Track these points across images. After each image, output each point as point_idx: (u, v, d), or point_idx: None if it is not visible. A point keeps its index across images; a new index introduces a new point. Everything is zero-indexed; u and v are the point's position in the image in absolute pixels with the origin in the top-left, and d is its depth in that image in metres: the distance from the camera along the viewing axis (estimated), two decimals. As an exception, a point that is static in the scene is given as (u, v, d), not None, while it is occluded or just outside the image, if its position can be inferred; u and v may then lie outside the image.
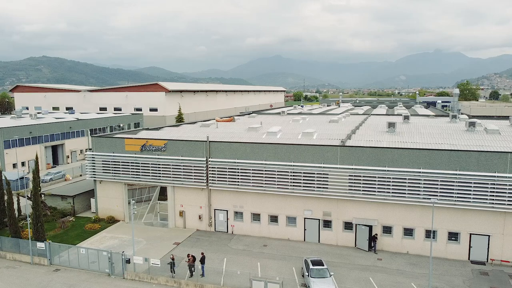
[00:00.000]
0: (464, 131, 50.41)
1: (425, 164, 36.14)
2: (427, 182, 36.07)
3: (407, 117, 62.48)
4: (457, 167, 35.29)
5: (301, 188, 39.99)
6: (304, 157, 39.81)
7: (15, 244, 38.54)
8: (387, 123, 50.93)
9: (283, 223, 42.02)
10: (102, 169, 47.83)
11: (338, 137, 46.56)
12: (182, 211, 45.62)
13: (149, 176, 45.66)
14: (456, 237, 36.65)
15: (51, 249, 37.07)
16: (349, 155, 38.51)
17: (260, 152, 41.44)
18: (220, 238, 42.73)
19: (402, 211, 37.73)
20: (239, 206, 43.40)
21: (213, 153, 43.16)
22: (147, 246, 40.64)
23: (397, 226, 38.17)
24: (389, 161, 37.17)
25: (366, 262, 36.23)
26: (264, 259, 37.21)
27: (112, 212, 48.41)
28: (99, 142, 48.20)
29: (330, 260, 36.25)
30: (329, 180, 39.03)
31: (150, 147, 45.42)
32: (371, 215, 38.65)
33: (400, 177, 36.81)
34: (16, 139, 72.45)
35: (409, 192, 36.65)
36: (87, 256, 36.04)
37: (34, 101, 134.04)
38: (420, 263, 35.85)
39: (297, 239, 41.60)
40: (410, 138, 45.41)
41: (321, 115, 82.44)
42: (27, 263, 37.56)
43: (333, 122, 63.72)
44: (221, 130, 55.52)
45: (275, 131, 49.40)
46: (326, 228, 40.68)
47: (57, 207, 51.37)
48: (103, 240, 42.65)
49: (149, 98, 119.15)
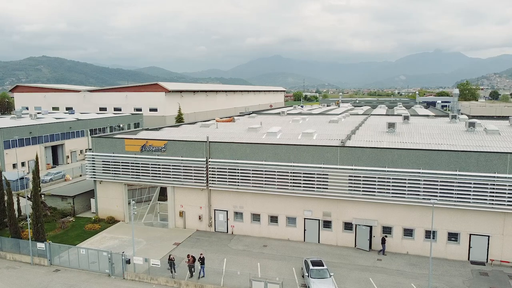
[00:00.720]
0: (464, 131, 50.47)
1: (425, 165, 36.18)
2: (427, 182, 36.11)
3: (407, 118, 62.51)
4: (457, 168, 35.33)
5: (301, 188, 40.02)
6: (304, 157, 39.85)
7: (15, 244, 38.58)
8: (387, 124, 50.95)
9: (283, 223, 42.06)
10: (102, 170, 47.86)
11: (338, 137, 46.60)
12: (182, 212, 45.65)
13: (149, 176, 45.69)
14: (456, 237, 36.70)
15: (51, 250, 37.11)
16: (349, 155, 38.54)
17: (260, 153, 41.48)
18: (220, 238, 42.76)
19: (402, 212, 37.78)
20: (239, 206, 43.44)
21: (213, 154, 43.19)
22: (147, 247, 40.68)
23: (397, 226, 38.22)
24: (389, 161, 37.21)
25: (366, 263, 36.27)
26: (264, 260, 37.25)
27: (112, 213, 48.44)
28: (99, 142, 48.24)
29: (330, 260, 36.28)
30: (329, 181, 39.06)
31: (150, 148, 45.46)
32: (371, 215, 38.69)
33: (400, 177, 36.85)
34: (16, 139, 72.44)
35: (409, 193, 36.69)
36: (87, 257, 36.07)
37: (34, 101, 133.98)
38: (420, 264, 35.89)
39: (297, 239, 41.64)
40: (410, 138, 45.46)
41: (321, 115, 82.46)
42: (27, 264, 37.60)
43: (333, 123, 63.76)
44: (221, 130, 55.56)
45: (275, 132, 49.43)
46: (326, 228, 40.72)
47: (57, 208, 51.42)
48: (103, 240, 42.68)
49: (149, 98, 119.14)
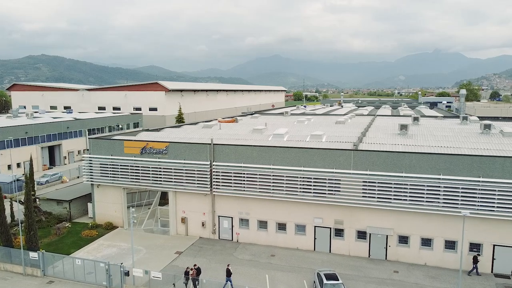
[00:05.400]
0: (479, 133, 48.15)
1: (445, 170, 33.79)
2: (447, 189, 33.74)
3: (417, 119, 60.14)
4: (480, 174, 32.96)
5: (311, 194, 37.61)
6: (315, 161, 37.46)
7: (6, 253, 36.05)
8: (399, 125, 48.58)
9: (291, 231, 39.65)
10: (100, 173, 45.40)
11: (348, 140, 44.20)
12: (184, 218, 43.22)
13: (150, 180, 43.25)
14: (478, 248, 34.31)
15: (45, 259, 34.63)
16: (363, 160, 36.15)
17: (268, 156, 39.08)
18: (225, 246, 40.36)
19: (419, 220, 35.36)
20: (244, 212, 41.03)
21: (217, 157, 40.78)
22: (147, 256, 38.26)
23: (414, 235, 35.81)
24: (406, 166, 34.81)
25: (382, 275, 33.88)
26: (272, 271, 34.85)
27: (110, 218, 45.97)
28: (97, 144, 45.77)
29: (342, 272, 33.91)
30: (342, 186, 36.66)
31: (150, 150, 43.03)
32: (386, 223, 36.30)
33: (418, 183, 34.47)
34: (11, 140, 69.89)
35: (427, 200, 34.31)
36: (83, 267, 33.62)
37: (31, 100, 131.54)
38: (440, 276, 33.53)
39: (307, 248, 39.25)
40: (424, 141, 43.10)
41: (326, 116, 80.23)
42: (19, 274, 35.12)
43: (340, 124, 61.48)
44: (224, 131, 53.17)
45: (281, 133, 47.06)
46: (338, 237, 38.32)
47: (52, 212, 48.89)
48: (100, 248, 40.25)
49: (148, 98, 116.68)
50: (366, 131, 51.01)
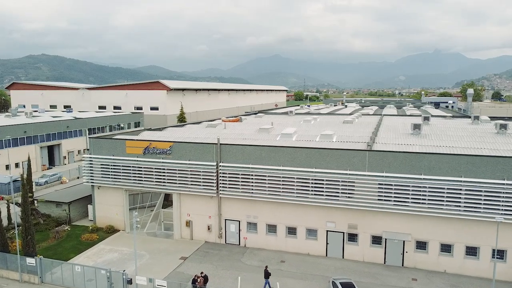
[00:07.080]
0: (495, 133, 46.30)
1: (467, 172, 31.90)
2: (469, 192, 31.85)
3: (427, 118, 58.23)
4: (505, 176, 31.08)
5: (323, 197, 35.72)
6: (327, 162, 35.56)
7: (2, 259, 34.08)
8: (412, 125, 46.68)
9: (302, 236, 37.74)
10: (100, 174, 43.51)
11: (360, 140, 42.31)
12: (189, 221, 41.32)
13: (153, 182, 41.36)
14: (502, 255, 32.42)
15: (43, 266, 32.72)
16: (378, 161, 34.24)
17: (277, 157, 37.18)
18: (232, 251, 38.45)
19: (439, 225, 33.45)
20: (252, 216, 39.13)
21: (224, 157, 38.90)
22: (150, 261, 36.38)
23: (433, 241, 33.91)
24: (425, 168, 32.90)
25: (399, 283, 31.97)
26: (283, 278, 32.95)
27: (111, 221, 44.07)
28: (97, 144, 43.86)
29: (357, 279, 32.02)
30: (356, 189, 34.76)
31: (153, 150, 41.13)
32: (403, 228, 34.39)
33: (437, 186, 32.57)
34: (10, 139, 67.99)
35: (447, 204, 32.43)
36: (83, 274, 31.72)
37: (31, 99, 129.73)
38: (461, 284, 31.64)
39: (318, 254, 37.35)
40: (440, 141, 41.21)
41: (331, 115, 78.34)
42: (16, 281, 33.23)
43: (348, 123, 59.56)
44: (229, 131, 51.27)
45: (290, 133, 45.17)
46: (351, 242, 36.40)
47: (51, 214, 46.97)
48: (101, 253, 38.37)
49: (150, 97, 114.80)
50: (377, 131, 49.09)
